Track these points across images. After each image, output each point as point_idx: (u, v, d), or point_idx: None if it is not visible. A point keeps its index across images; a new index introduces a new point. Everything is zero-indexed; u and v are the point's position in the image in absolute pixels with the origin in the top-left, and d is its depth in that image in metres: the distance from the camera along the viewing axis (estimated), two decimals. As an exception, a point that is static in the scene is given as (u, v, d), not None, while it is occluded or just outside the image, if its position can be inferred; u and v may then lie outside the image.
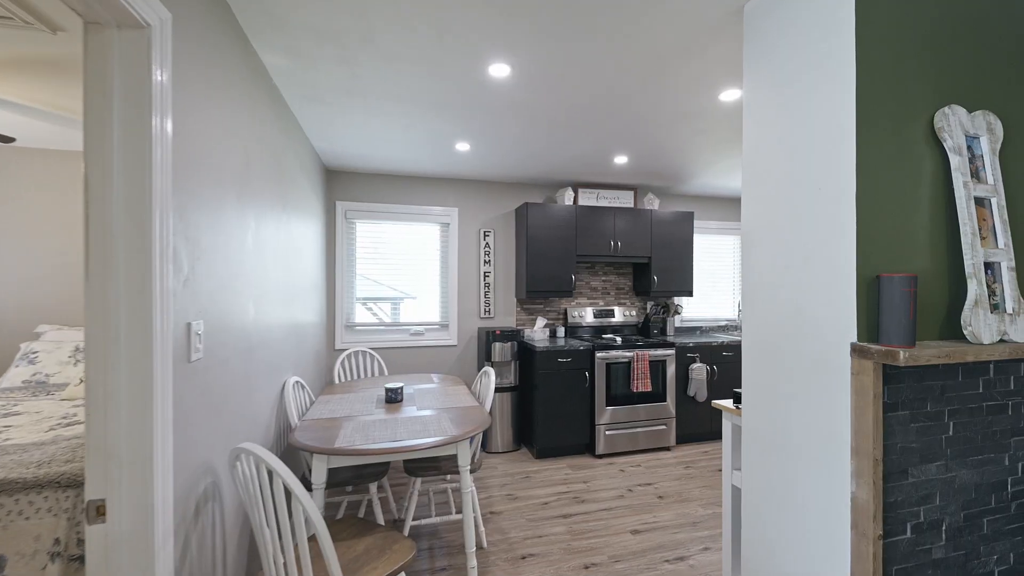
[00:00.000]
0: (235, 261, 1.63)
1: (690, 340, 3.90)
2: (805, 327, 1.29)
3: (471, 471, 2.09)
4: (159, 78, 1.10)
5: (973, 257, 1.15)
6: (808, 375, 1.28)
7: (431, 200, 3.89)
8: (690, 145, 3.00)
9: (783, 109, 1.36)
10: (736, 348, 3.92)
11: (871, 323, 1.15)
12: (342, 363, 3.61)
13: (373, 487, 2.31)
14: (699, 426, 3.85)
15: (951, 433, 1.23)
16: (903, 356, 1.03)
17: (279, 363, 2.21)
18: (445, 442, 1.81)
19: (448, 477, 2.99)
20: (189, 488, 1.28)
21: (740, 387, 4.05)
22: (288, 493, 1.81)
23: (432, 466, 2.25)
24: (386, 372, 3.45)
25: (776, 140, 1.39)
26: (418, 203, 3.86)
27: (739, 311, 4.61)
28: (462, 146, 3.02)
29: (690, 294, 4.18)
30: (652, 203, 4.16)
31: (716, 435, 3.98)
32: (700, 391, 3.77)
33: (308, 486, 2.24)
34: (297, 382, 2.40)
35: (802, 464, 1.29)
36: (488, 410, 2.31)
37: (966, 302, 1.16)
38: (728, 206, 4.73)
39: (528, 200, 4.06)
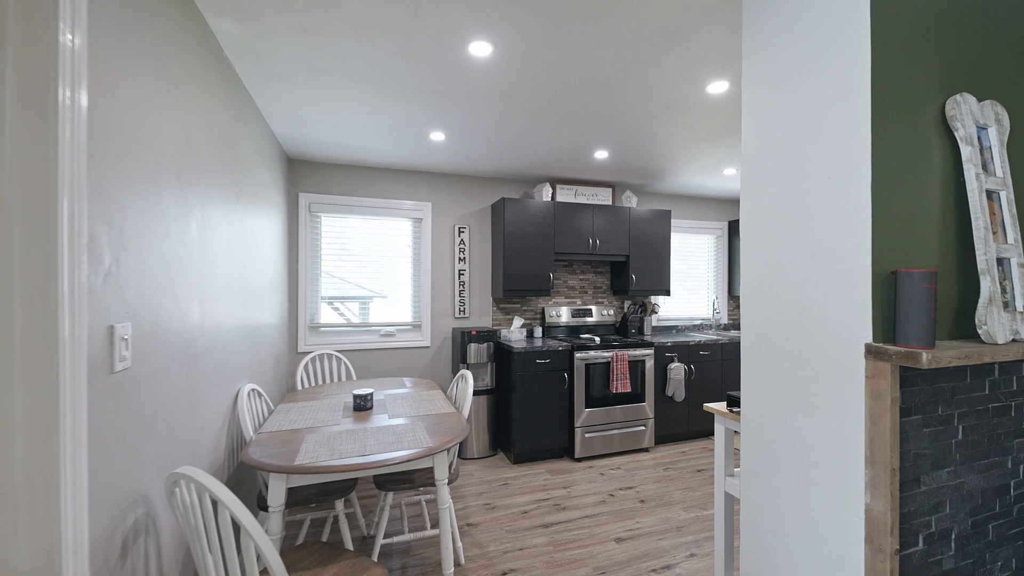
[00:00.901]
0: (175, 254, 1.41)
1: (668, 339, 3.87)
2: (811, 327, 1.20)
3: (448, 482, 1.93)
4: (69, 41, 0.90)
5: (986, 253, 1.10)
6: (815, 379, 1.19)
7: (403, 194, 3.69)
8: (671, 140, 2.94)
9: (787, 94, 1.27)
10: (712, 347, 3.92)
11: (887, 323, 1.08)
12: (305, 367, 3.36)
13: (340, 503, 2.11)
14: (677, 426, 3.82)
15: (960, 437, 1.18)
16: (926, 358, 0.96)
17: (232, 370, 1.98)
18: (421, 455, 1.65)
19: (422, 488, 2.82)
20: (113, 524, 1.06)
21: (723, 388, 4.09)
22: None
23: (405, 479, 2.07)
24: (354, 376, 3.23)
25: (779, 127, 1.30)
26: (389, 196, 3.65)
27: (714, 310, 4.63)
28: (437, 135, 2.84)
29: (667, 293, 4.15)
30: (630, 201, 4.10)
31: (693, 435, 3.97)
32: (678, 391, 3.74)
33: (265, 505, 2.02)
34: (253, 390, 2.17)
35: (808, 474, 1.21)
36: (467, 417, 2.15)
37: (980, 300, 1.10)
38: (703, 205, 4.74)
39: (505, 195, 3.92)
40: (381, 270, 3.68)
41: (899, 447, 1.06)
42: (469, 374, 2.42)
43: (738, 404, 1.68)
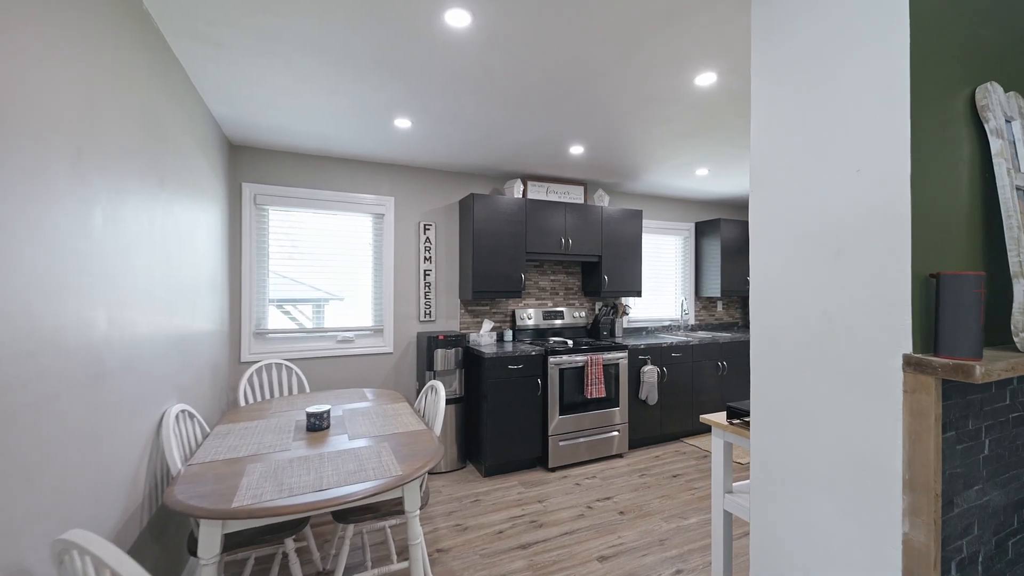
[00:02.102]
0: (72, 248, 1.10)
1: (640, 342, 3.79)
2: (836, 335, 1.09)
3: (420, 507, 1.70)
4: None
5: (1019, 254, 1.02)
6: (840, 393, 1.08)
7: (363, 187, 3.38)
8: (649, 137, 2.84)
9: (806, 80, 1.15)
10: (684, 348, 3.88)
11: (926, 331, 0.97)
12: (250, 380, 3.00)
13: (290, 539, 1.83)
14: (650, 430, 3.75)
15: (987, 452, 1.10)
16: (980, 371, 0.85)
17: (154, 389, 1.65)
18: (389, 486, 1.41)
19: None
20: (-39, 621, 0.77)
21: (694, 390, 4.05)
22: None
23: (369, 508, 1.82)
24: (307, 388, 2.91)
25: (796, 115, 1.18)
26: (347, 189, 3.33)
27: (682, 311, 4.63)
28: (403, 122, 2.59)
29: (639, 294, 4.08)
30: (602, 200, 4.00)
31: (666, 438, 3.92)
32: (651, 394, 3.67)
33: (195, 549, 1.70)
34: (184, 411, 1.84)
35: (833, 498, 1.09)
36: (439, 433, 1.93)
37: (1015, 306, 1.02)
38: (672, 206, 4.73)
39: (474, 191, 3.69)
40: (338, 270, 3.36)
41: (941, 469, 0.96)
42: (440, 385, 2.19)
43: (739, 416, 1.56)
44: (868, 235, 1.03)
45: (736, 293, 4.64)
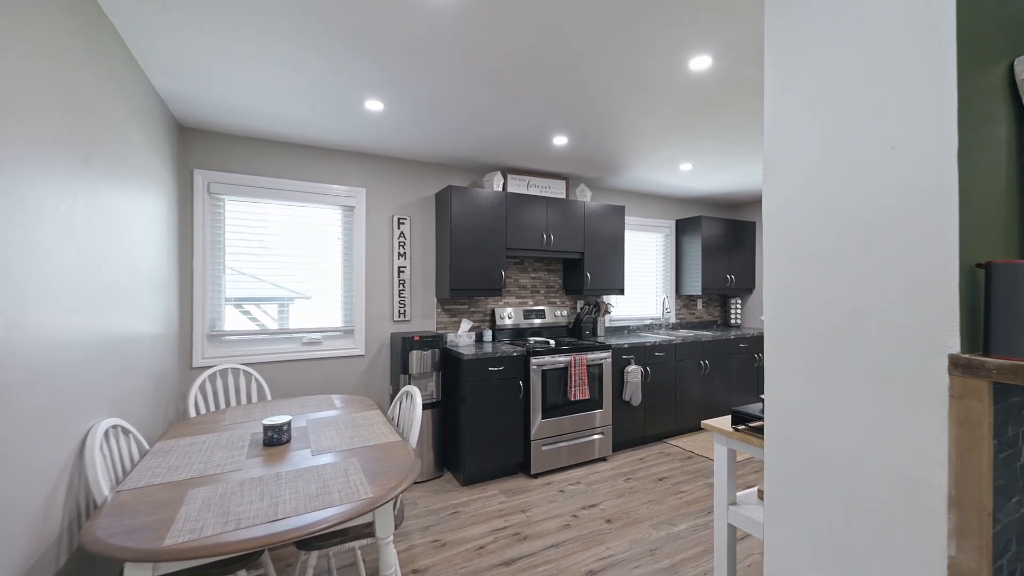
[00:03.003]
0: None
1: (624, 341, 3.69)
2: (867, 335, 0.97)
3: (394, 527, 1.51)
4: None
5: (1064, 242, 0.92)
6: (873, 398, 0.96)
7: (332, 177, 3.14)
8: (636, 128, 2.72)
9: (828, 45, 1.03)
10: (667, 348, 3.80)
11: (974, 328, 0.86)
12: (201, 388, 2.72)
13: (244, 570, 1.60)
14: (634, 432, 3.65)
15: (1023, 460, 1.00)
16: (1045, 375, 0.74)
17: (75, 402, 1.41)
18: (357, 512, 1.22)
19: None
20: None
21: (677, 390, 3.98)
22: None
23: (335, 533, 1.61)
24: (268, 396, 2.66)
25: (816, 89, 1.06)
26: (314, 179, 3.09)
27: (664, 310, 4.56)
28: (374, 104, 2.38)
29: (621, 292, 3.98)
30: (584, 195, 3.88)
31: (650, 439, 3.83)
32: (635, 395, 3.57)
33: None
34: (115, 427, 1.59)
35: (863, 517, 0.97)
36: (415, 445, 1.74)
37: (1060, 299, 0.93)
38: (653, 203, 4.66)
39: (451, 183, 3.50)
40: (304, 266, 3.11)
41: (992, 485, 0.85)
42: (416, 391, 2.00)
43: (744, 421, 1.45)
44: (905, 221, 0.91)
45: (716, 291, 4.61)
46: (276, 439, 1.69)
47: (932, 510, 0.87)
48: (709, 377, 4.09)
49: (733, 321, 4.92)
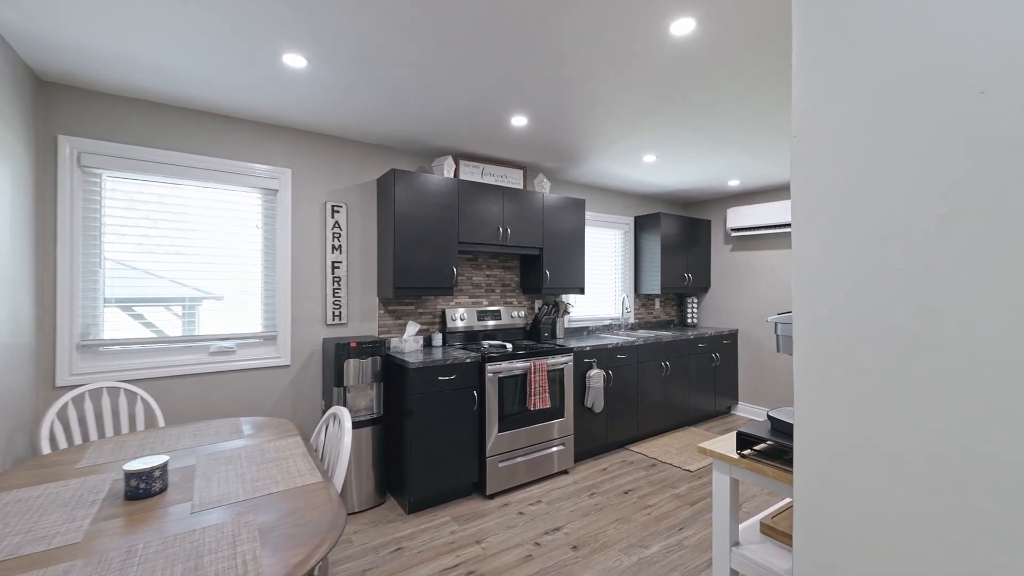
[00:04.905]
0: None
1: (585, 343, 3.45)
2: (944, 341, 0.73)
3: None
4: None
5: None
6: (955, 426, 0.72)
7: (249, 154, 2.64)
8: (605, 109, 2.47)
9: (887, -34, 0.79)
10: (629, 350, 3.61)
11: (1108, 335, 0.63)
12: (61, 414, 2.14)
13: None
14: (596, 440, 3.42)
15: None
16: None
17: None
18: (239, 612, 0.83)
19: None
20: None
21: (639, 394, 3.74)
22: None
23: (225, 616, 1.19)
24: (160, 421, 2.13)
25: (870, 24, 0.81)
26: (226, 156, 2.57)
27: (623, 309, 4.39)
28: (294, 59, 1.94)
29: (582, 291, 3.75)
30: (543, 186, 3.60)
31: (612, 446, 3.62)
32: (597, 400, 3.34)
33: None
34: None
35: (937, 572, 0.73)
36: (341, 488, 1.36)
37: None
38: (612, 199, 4.48)
39: (396, 167, 3.10)
40: (214, 260, 2.59)
41: None
42: (345, 413, 1.61)
43: (749, 445, 1.20)
44: (1002, 186, 0.67)
45: (674, 290, 4.51)
46: (143, 490, 1.24)
47: (1046, 583, 0.64)
48: (670, 379, 3.95)
49: (690, 320, 4.86)
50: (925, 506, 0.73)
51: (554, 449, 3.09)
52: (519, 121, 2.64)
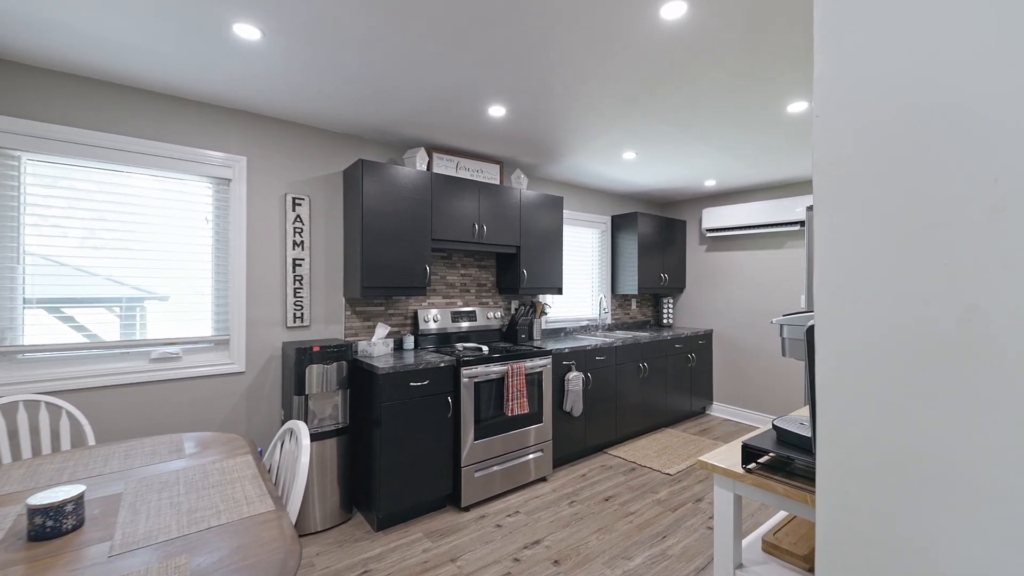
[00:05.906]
0: None
1: (563, 345, 3.34)
2: (997, 344, 0.64)
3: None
4: None
5: None
6: (1016, 437, 0.63)
7: (199, 139, 2.38)
8: (584, 100, 2.36)
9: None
10: (608, 351, 3.53)
11: None
12: (-21, 428, 1.85)
13: None
14: (574, 445, 3.31)
15: None
16: None
17: None
18: None
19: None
20: None
21: (618, 396, 3.62)
22: None
23: None
24: (90, 439, 1.88)
25: (904, -14, 0.71)
26: (173, 140, 2.31)
27: (601, 310, 4.32)
28: (247, 30, 1.73)
29: (560, 291, 3.64)
30: (520, 182, 3.48)
31: (590, 451, 3.53)
32: (576, 404, 3.24)
33: None
34: None
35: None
36: (296, 516, 1.18)
37: None
38: (589, 197, 4.40)
39: (364, 158, 2.89)
40: (157, 256, 2.32)
41: None
42: (303, 427, 1.43)
43: (755, 458, 1.10)
44: (1071, 172, 0.59)
45: (650, 291, 4.48)
46: (51, 529, 1.03)
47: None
48: (648, 380, 3.90)
49: (666, 321, 4.84)
50: (977, 532, 0.63)
51: (532, 456, 2.96)
52: (497, 111, 2.50)
